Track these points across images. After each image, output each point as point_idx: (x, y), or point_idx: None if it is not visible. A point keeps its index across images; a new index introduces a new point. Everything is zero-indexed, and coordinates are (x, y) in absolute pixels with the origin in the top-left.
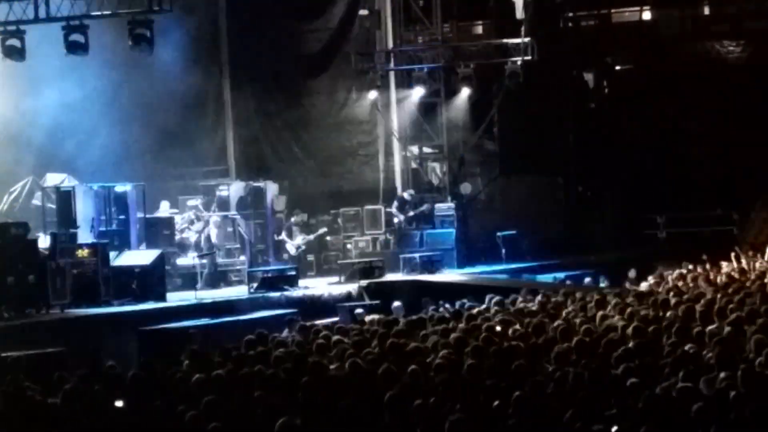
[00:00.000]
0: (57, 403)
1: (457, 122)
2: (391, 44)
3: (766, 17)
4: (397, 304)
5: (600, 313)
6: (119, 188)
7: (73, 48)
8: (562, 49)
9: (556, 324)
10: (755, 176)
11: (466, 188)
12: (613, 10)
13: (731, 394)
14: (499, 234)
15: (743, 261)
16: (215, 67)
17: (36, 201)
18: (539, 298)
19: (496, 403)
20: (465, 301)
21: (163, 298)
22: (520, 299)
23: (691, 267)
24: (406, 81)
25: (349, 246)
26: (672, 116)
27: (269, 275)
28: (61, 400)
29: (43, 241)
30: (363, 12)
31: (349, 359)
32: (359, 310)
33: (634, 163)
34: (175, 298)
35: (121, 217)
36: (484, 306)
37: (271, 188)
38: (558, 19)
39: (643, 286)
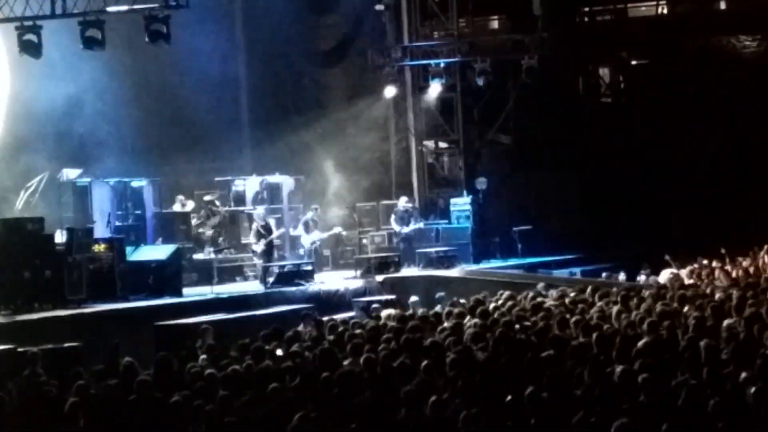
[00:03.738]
0: (73, 398)
1: (472, 117)
2: (407, 39)
3: None
4: (413, 298)
5: (616, 308)
6: (135, 183)
7: (89, 43)
8: (578, 44)
9: (571, 319)
10: None
11: (481, 183)
12: (629, 5)
13: (750, 391)
14: (514, 229)
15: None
16: (231, 63)
17: (52, 196)
18: (555, 293)
19: (509, 398)
20: (481, 296)
21: (179, 293)
22: (536, 294)
23: (706, 262)
24: (421, 76)
25: (365, 241)
26: (688, 111)
27: (285, 270)
28: (76, 395)
29: (60, 237)
30: (379, 7)
31: (364, 354)
32: (375, 305)
33: (650, 157)
34: (192, 293)
35: (138, 212)
36: (500, 301)
37: (287, 183)
38: (574, 14)
39: (660, 281)
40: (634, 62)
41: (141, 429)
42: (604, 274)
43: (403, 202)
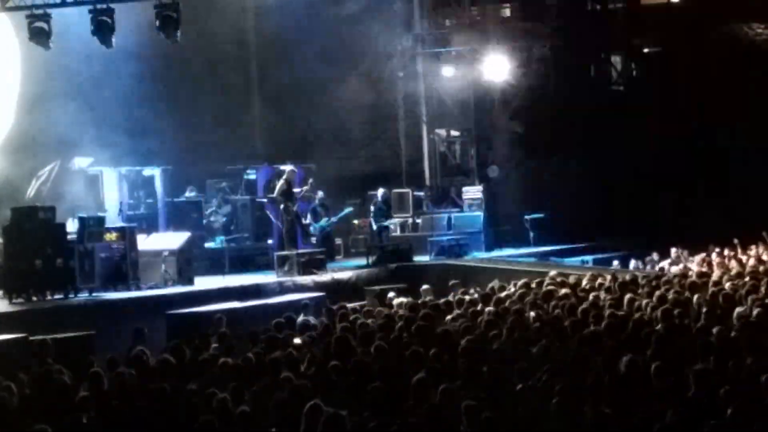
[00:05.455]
0: (85, 387)
1: (484, 105)
2: (418, 27)
3: None
4: (425, 287)
5: (628, 296)
6: (147, 172)
7: (99, 31)
8: (591, 32)
9: (583, 307)
10: None
11: (493, 171)
12: None
13: (762, 378)
14: (526, 217)
15: None
16: (242, 52)
17: (64, 185)
18: (567, 281)
19: (520, 386)
20: (493, 284)
21: (191, 282)
22: (547, 282)
23: (718, 250)
24: (434, 64)
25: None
26: (700, 99)
27: (297, 259)
28: (88, 384)
29: (71, 225)
30: None
31: (376, 342)
32: (390, 294)
33: (662, 145)
34: (203, 282)
35: (149, 200)
36: (511, 289)
37: (298, 172)
38: (586, 2)
39: (672, 269)
40: (646, 50)
41: (153, 417)
42: (615, 262)
43: (380, 194)
